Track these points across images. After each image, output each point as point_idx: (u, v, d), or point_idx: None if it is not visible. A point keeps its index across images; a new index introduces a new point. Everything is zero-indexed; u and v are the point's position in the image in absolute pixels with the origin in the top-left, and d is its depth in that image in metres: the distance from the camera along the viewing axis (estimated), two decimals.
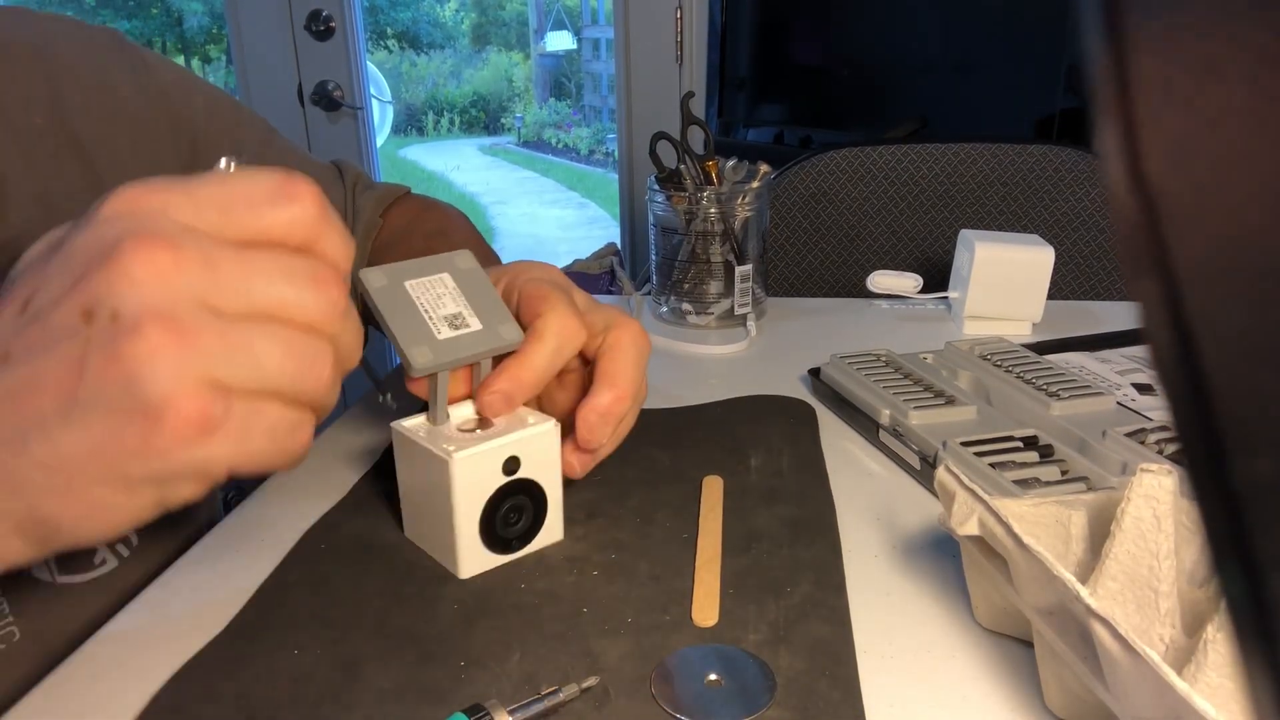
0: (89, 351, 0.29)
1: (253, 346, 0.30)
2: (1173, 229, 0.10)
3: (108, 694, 0.37)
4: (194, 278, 0.29)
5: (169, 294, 0.29)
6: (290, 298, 0.31)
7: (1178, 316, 0.10)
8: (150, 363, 0.28)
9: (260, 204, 0.31)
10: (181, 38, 3.74)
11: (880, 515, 0.49)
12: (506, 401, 0.43)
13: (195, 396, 0.29)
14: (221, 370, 0.29)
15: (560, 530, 0.46)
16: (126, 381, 0.28)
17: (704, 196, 0.77)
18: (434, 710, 0.35)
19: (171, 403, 0.28)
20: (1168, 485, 0.35)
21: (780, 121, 2.37)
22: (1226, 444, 0.10)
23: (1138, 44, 0.11)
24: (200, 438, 0.29)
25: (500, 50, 6.51)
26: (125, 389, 0.28)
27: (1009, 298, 0.77)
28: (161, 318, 0.28)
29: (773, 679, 0.36)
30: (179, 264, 0.29)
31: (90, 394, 0.29)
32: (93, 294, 0.29)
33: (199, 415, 0.29)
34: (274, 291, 0.31)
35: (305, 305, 0.31)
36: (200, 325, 0.29)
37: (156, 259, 0.29)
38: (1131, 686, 0.29)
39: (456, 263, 0.45)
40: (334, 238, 0.33)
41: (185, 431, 0.29)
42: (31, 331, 0.30)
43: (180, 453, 0.29)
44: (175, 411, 0.28)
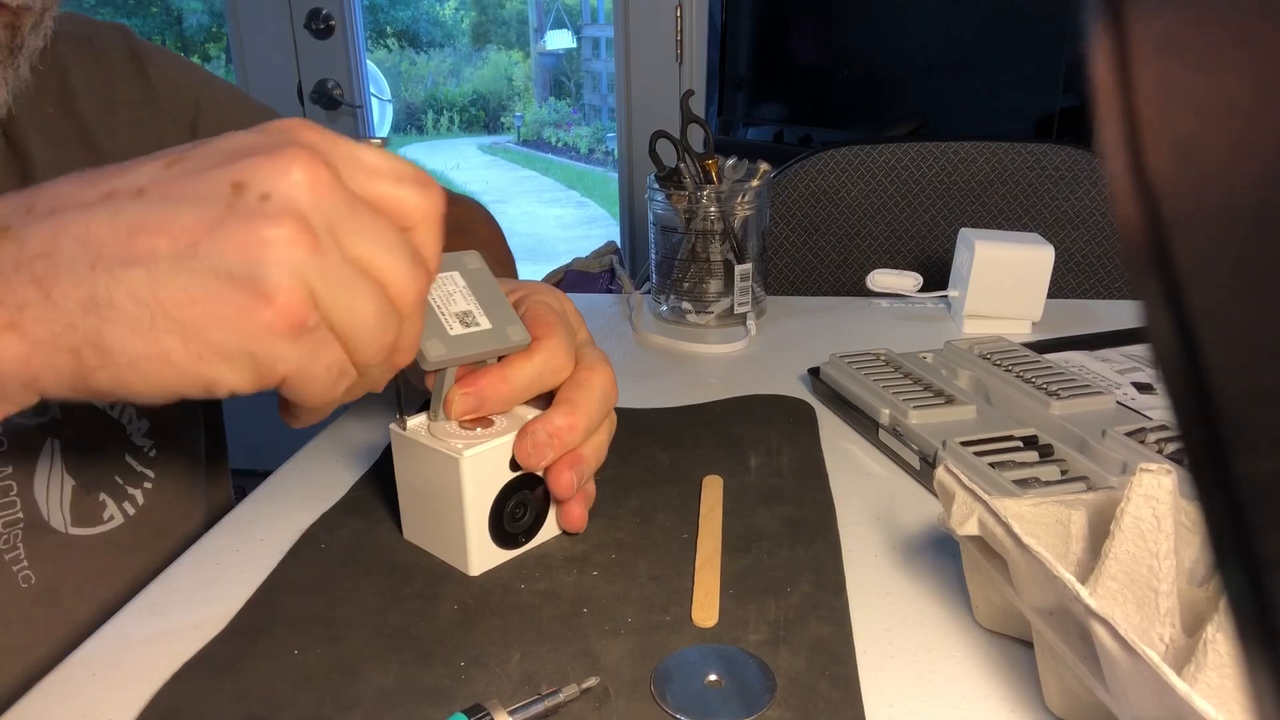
0: (228, 216, 0.30)
1: (355, 289, 0.32)
2: (1175, 227, 0.10)
3: (107, 694, 0.37)
4: (338, 206, 0.31)
5: (316, 206, 0.30)
6: (395, 265, 0.33)
7: (1180, 315, 0.10)
8: (281, 250, 0.30)
9: (403, 181, 0.34)
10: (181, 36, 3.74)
11: (880, 515, 0.49)
12: (475, 406, 0.43)
13: (303, 298, 0.30)
14: (327, 290, 0.31)
15: (559, 525, 0.46)
16: (253, 256, 0.30)
17: (704, 195, 0.77)
18: (434, 710, 0.35)
19: (283, 292, 0.30)
20: (1168, 485, 0.35)
21: (780, 120, 2.37)
22: (1228, 443, 0.10)
23: (1140, 41, 0.11)
24: (286, 333, 0.30)
25: (500, 49, 6.51)
26: (249, 262, 0.30)
27: (1009, 297, 0.76)
28: (304, 220, 0.30)
29: (772, 679, 0.36)
30: (333, 188, 0.31)
31: (213, 252, 0.30)
32: (250, 173, 0.30)
33: (299, 314, 0.30)
34: (388, 254, 0.33)
35: (404, 276, 0.33)
36: (330, 246, 0.31)
37: (319, 173, 0.31)
38: (1131, 686, 0.29)
39: (465, 262, 0.45)
40: (436, 235, 0.35)
41: (280, 323, 0.30)
42: (176, 181, 0.31)
43: (265, 339, 0.30)
44: (283, 301, 0.30)
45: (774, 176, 1.13)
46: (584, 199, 5.61)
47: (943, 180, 1.16)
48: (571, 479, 0.44)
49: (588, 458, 0.45)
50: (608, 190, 5.05)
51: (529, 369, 0.44)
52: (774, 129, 2.38)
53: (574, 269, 1.92)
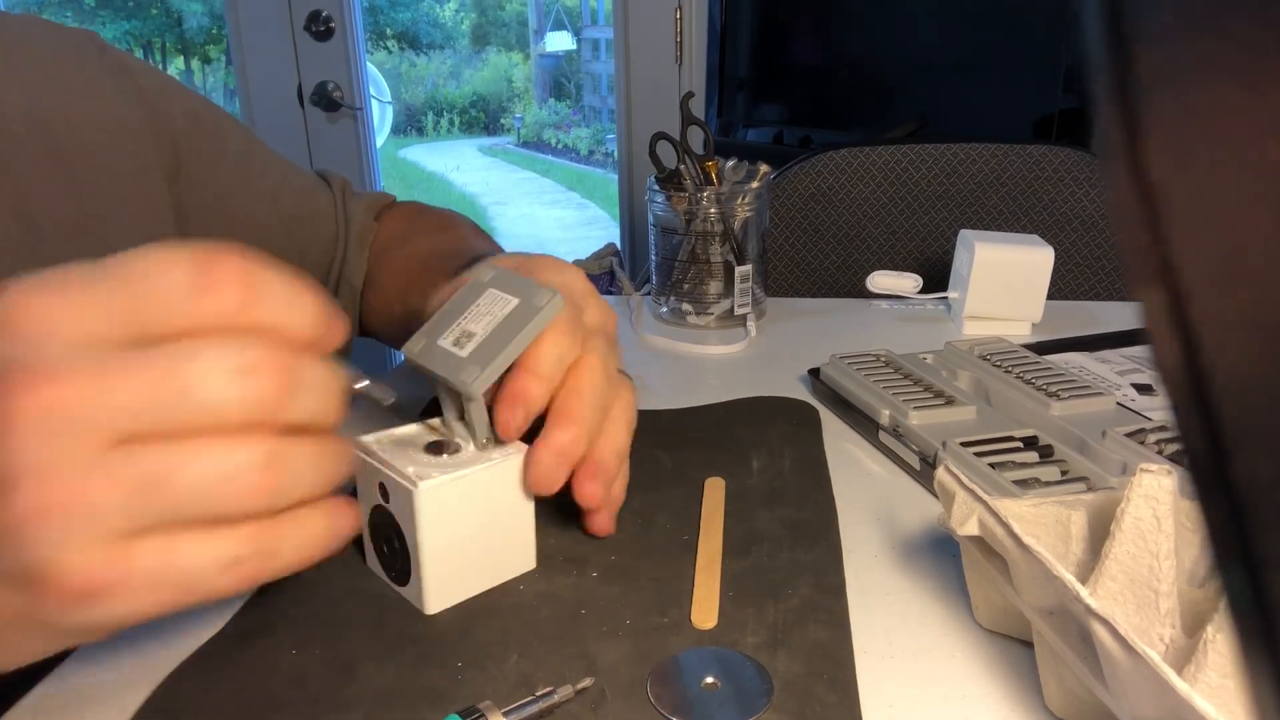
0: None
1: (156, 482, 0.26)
2: (1174, 228, 0.10)
3: (105, 694, 0.37)
4: (83, 411, 0.25)
5: (52, 441, 0.25)
6: (210, 401, 0.27)
7: (1180, 316, 0.10)
8: (27, 531, 0.25)
9: (173, 301, 0.27)
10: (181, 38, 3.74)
11: (880, 515, 0.49)
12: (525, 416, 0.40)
13: (78, 566, 0.26)
14: (119, 519, 0.26)
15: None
16: (9, 548, 0.26)
17: (704, 197, 0.77)
18: (431, 711, 0.35)
19: (52, 572, 0.26)
20: (1168, 485, 0.34)
21: (780, 122, 2.37)
22: (1228, 444, 0.10)
23: (1139, 44, 0.11)
24: (87, 602, 0.26)
25: (500, 51, 6.51)
26: (8, 556, 0.26)
27: (1009, 298, 0.76)
28: (42, 473, 0.25)
29: (770, 682, 0.36)
30: (62, 401, 0.25)
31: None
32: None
33: (81, 586, 0.26)
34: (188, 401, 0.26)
35: (229, 403, 0.27)
36: (87, 472, 0.25)
37: (32, 403, 0.25)
38: (1131, 686, 0.29)
39: (480, 274, 0.43)
40: (274, 309, 0.28)
41: (67, 602, 0.26)
42: None
43: (70, 616, 0.27)
44: (55, 580, 0.26)
45: (774, 178, 1.13)
46: (584, 200, 5.61)
47: (942, 182, 1.16)
48: (595, 489, 0.42)
49: (606, 461, 0.42)
50: (608, 192, 5.05)
51: (550, 354, 0.40)
52: (774, 130, 2.38)
53: None
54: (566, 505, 0.49)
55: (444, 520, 0.40)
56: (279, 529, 0.30)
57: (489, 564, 0.42)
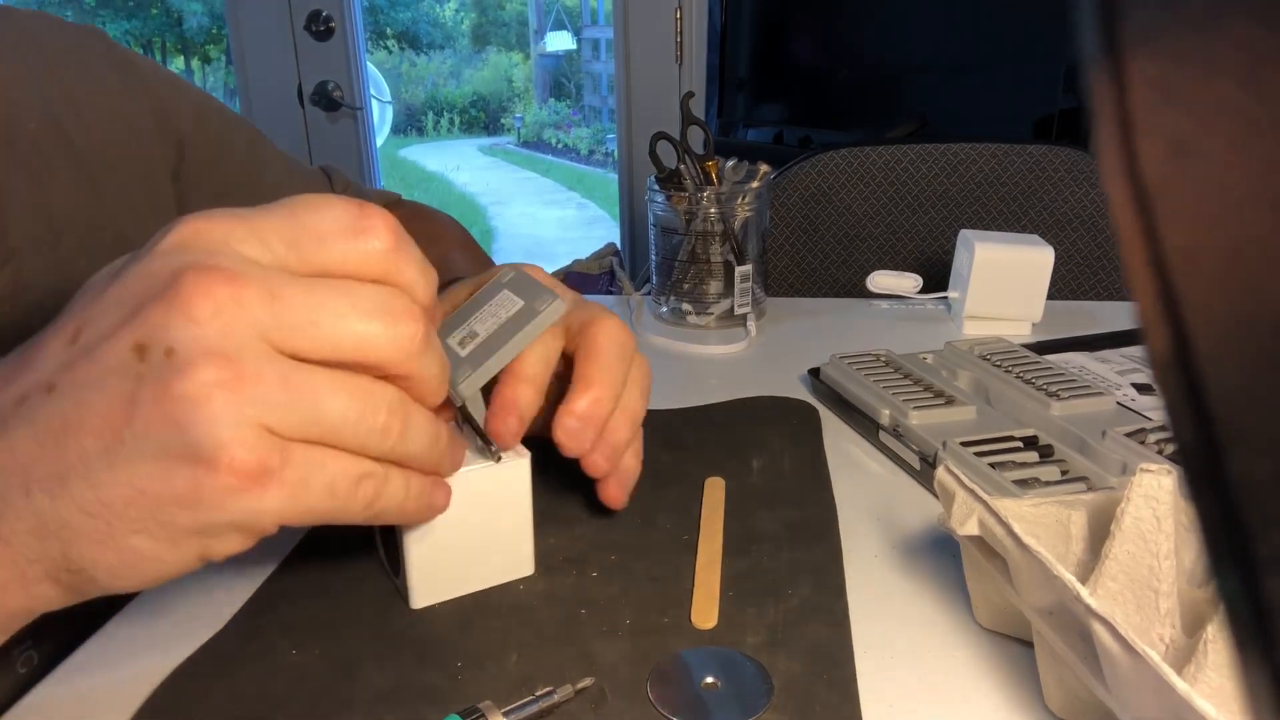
0: (140, 389, 0.27)
1: (314, 393, 0.28)
2: (1169, 228, 0.10)
3: (105, 694, 0.37)
4: (256, 313, 0.27)
5: (228, 331, 0.27)
6: (360, 334, 0.29)
7: (1174, 315, 0.10)
8: (205, 405, 0.26)
9: (331, 237, 0.29)
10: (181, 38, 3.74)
11: (880, 515, 0.49)
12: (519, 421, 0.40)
13: (250, 444, 0.27)
14: (279, 417, 0.28)
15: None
16: (178, 424, 0.27)
17: (704, 196, 0.77)
18: (431, 711, 0.35)
19: (224, 449, 0.27)
20: (1168, 485, 0.34)
21: (780, 121, 2.37)
22: (1223, 444, 0.10)
23: (1134, 42, 0.11)
24: (253, 488, 0.27)
25: (500, 50, 6.51)
26: (176, 432, 0.27)
27: (1009, 298, 0.76)
28: (219, 357, 0.27)
29: (770, 682, 0.36)
30: (240, 299, 0.27)
31: (138, 435, 0.27)
32: (148, 328, 0.27)
33: (253, 464, 0.27)
34: (342, 327, 0.29)
35: (376, 342, 0.29)
36: (260, 367, 0.27)
37: (216, 293, 0.27)
38: (1131, 686, 0.29)
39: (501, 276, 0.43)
40: (411, 269, 0.31)
41: (237, 481, 0.27)
42: (80, 365, 0.28)
43: (230, 504, 0.28)
44: (227, 459, 0.27)
45: (774, 178, 1.13)
46: (584, 200, 5.61)
47: (942, 181, 1.16)
48: (598, 460, 0.42)
49: (615, 430, 0.43)
50: (608, 192, 5.05)
51: (535, 354, 0.41)
52: (774, 130, 2.38)
53: (574, 271, 1.93)
54: (567, 505, 0.49)
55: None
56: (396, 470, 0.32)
57: (482, 565, 0.42)
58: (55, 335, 0.29)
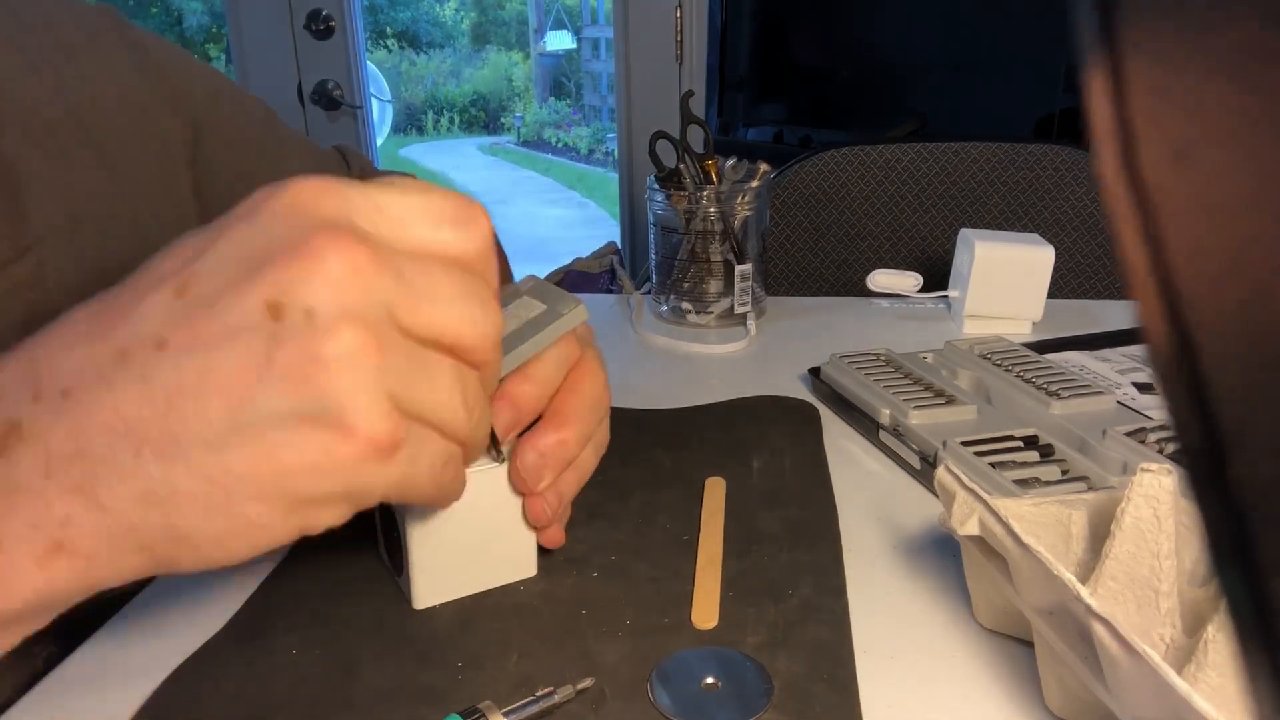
0: (276, 350, 0.25)
1: (431, 372, 0.28)
2: (1169, 228, 0.10)
3: (105, 693, 0.37)
4: (388, 286, 0.27)
5: (366, 299, 0.26)
6: (461, 318, 0.29)
7: (1176, 317, 0.10)
8: (349, 371, 0.26)
9: (442, 222, 0.29)
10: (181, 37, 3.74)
11: (880, 515, 0.49)
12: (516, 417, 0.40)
13: (384, 414, 0.27)
14: (405, 391, 0.27)
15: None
16: (320, 388, 0.26)
17: (704, 196, 0.77)
18: (431, 711, 0.35)
19: (362, 416, 0.26)
20: (1168, 485, 0.34)
21: (780, 121, 2.37)
22: (1226, 444, 0.10)
23: (1133, 43, 0.11)
24: (380, 459, 0.27)
25: (500, 50, 6.51)
26: (315, 396, 0.26)
27: (1009, 297, 0.76)
28: (360, 322, 0.26)
29: (770, 682, 0.36)
30: (377, 268, 0.26)
31: (271, 398, 0.26)
32: (282, 286, 0.26)
33: (386, 434, 0.27)
34: (450, 310, 0.29)
35: (473, 327, 0.29)
36: (390, 339, 0.27)
37: (357, 259, 0.26)
38: (1131, 686, 0.29)
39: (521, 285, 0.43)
40: (495, 266, 0.31)
41: (369, 450, 0.27)
42: (200, 321, 0.26)
43: (356, 472, 0.27)
44: (366, 427, 0.26)
45: (774, 177, 1.13)
46: (584, 199, 5.61)
47: (943, 181, 1.16)
48: (545, 509, 0.41)
49: (568, 481, 0.41)
50: (608, 191, 5.05)
51: (549, 359, 0.40)
52: (774, 129, 2.38)
53: (574, 269, 1.92)
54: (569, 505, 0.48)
55: (436, 517, 0.40)
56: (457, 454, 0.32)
57: (485, 566, 0.42)
58: (154, 287, 0.27)
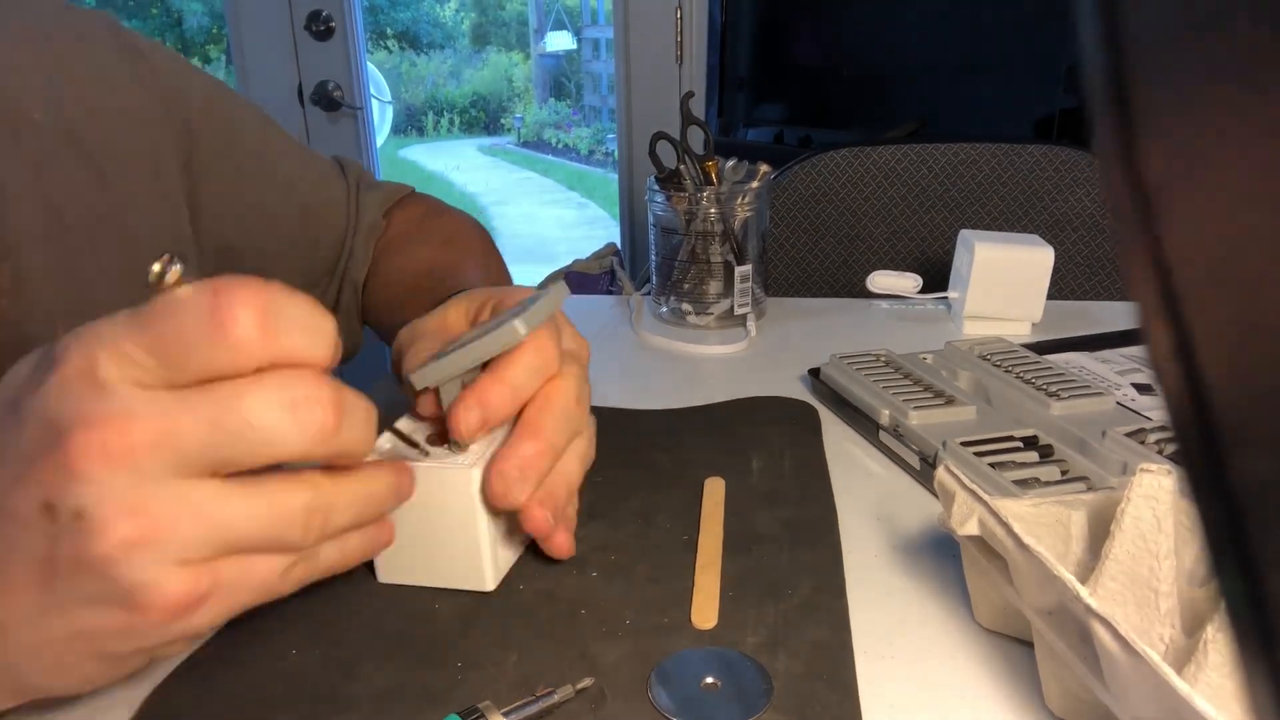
0: (57, 551, 0.28)
1: (230, 519, 0.29)
2: (1170, 229, 0.10)
3: (104, 694, 0.37)
4: (151, 454, 0.27)
5: (128, 480, 0.27)
6: (267, 440, 0.28)
7: (1174, 315, 0.10)
8: (124, 560, 0.27)
9: (197, 344, 0.28)
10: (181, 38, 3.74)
11: (880, 516, 0.49)
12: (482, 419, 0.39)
13: (176, 583, 0.28)
14: (198, 547, 0.28)
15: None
16: (100, 576, 0.28)
17: (704, 196, 0.77)
18: (430, 712, 0.35)
19: (152, 594, 0.28)
20: (1168, 485, 0.34)
21: (780, 121, 2.37)
22: (1224, 443, 0.10)
23: (1135, 45, 0.11)
24: (185, 617, 0.29)
25: (500, 50, 6.51)
26: (100, 583, 0.28)
27: (1009, 298, 0.76)
28: (128, 511, 0.27)
29: (770, 682, 0.36)
30: (131, 446, 0.27)
31: (65, 588, 0.28)
32: (50, 489, 0.27)
33: (182, 600, 0.28)
34: (248, 441, 0.28)
35: (286, 441, 0.29)
36: (169, 507, 0.28)
37: (108, 447, 0.27)
38: (1131, 686, 0.29)
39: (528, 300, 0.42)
40: (295, 340, 0.29)
41: (169, 616, 0.29)
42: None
43: (165, 632, 0.29)
44: (157, 601, 0.28)
45: (774, 178, 1.13)
46: (584, 200, 5.61)
47: (943, 182, 1.16)
48: (544, 516, 0.40)
49: (557, 489, 0.41)
50: (608, 191, 5.05)
51: (523, 364, 0.39)
52: (774, 130, 2.38)
53: (574, 270, 1.92)
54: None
55: None
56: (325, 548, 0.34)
57: (437, 563, 0.41)
58: None
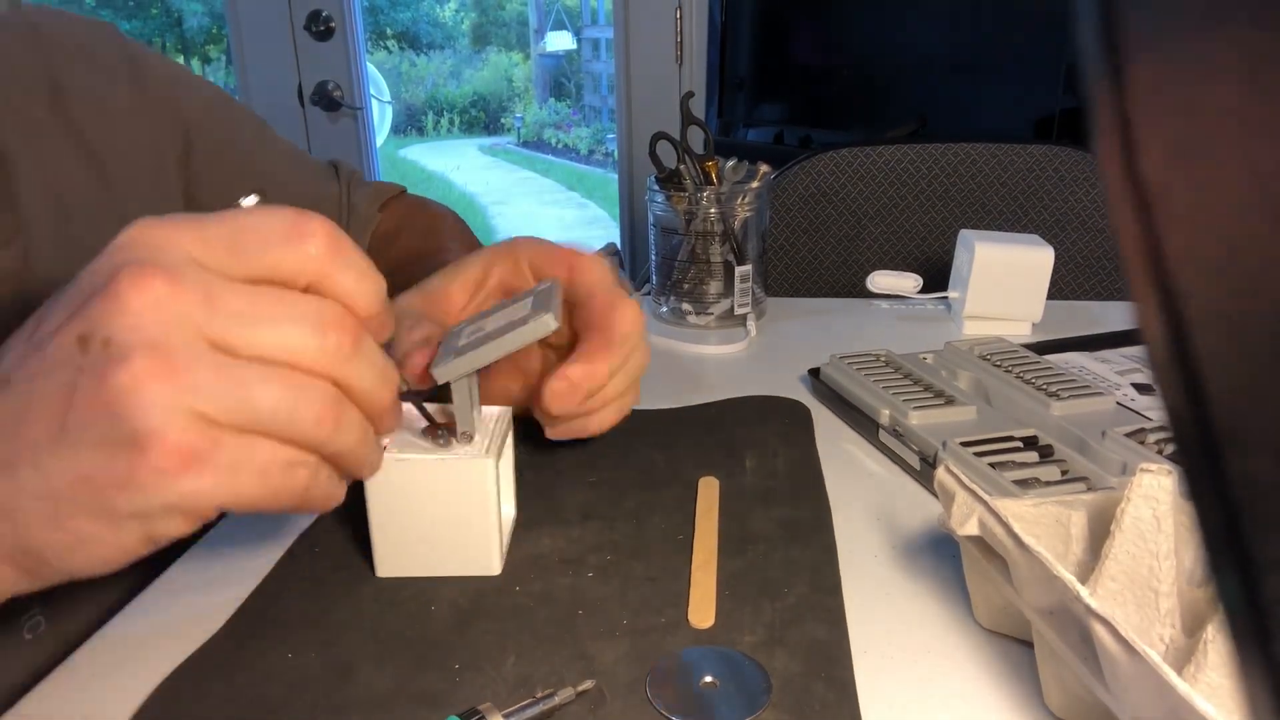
0: (79, 379, 0.28)
1: (246, 383, 0.30)
2: (1169, 228, 0.10)
3: (103, 696, 0.37)
4: (191, 310, 0.29)
5: (163, 324, 0.28)
6: (290, 341, 0.30)
7: (1173, 316, 0.10)
8: (136, 393, 0.28)
9: (270, 242, 0.31)
10: (181, 38, 3.74)
11: (880, 515, 0.49)
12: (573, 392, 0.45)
13: (181, 429, 0.28)
14: (211, 404, 0.29)
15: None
16: (112, 410, 0.28)
17: (704, 196, 0.77)
18: (429, 713, 0.35)
19: (156, 434, 0.28)
20: (1167, 485, 0.34)
21: (780, 121, 2.37)
22: (1222, 444, 0.10)
23: (1134, 45, 0.11)
24: (185, 471, 0.29)
25: (500, 50, 6.51)
26: (111, 418, 0.28)
27: (1009, 298, 0.76)
28: (152, 348, 0.28)
29: (768, 681, 0.35)
30: (176, 295, 0.29)
31: (78, 422, 0.28)
32: (89, 322, 0.29)
33: (184, 448, 0.29)
34: (274, 333, 0.30)
35: (307, 348, 0.31)
36: (192, 358, 0.29)
37: (153, 288, 0.28)
38: (1131, 686, 0.29)
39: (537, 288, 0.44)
40: (349, 276, 0.32)
41: (170, 464, 0.29)
42: (31, 358, 0.30)
43: (165, 486, 0.29)
44: (159, 443, 0.28)
45: (774, 178, 1.13)
46: (584, 200, 5.61)
47: (942, 181, 1.16)
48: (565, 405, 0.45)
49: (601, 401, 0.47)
50: (608, 191, 5.05)
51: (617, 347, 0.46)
52: (774, 130, 2.38)
53: None
54: (563, 507, 0.49)
55: (393, 494, 0.41)
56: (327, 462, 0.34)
57: (445, 552, 0.43)
58: (19, 334, 0.31)
